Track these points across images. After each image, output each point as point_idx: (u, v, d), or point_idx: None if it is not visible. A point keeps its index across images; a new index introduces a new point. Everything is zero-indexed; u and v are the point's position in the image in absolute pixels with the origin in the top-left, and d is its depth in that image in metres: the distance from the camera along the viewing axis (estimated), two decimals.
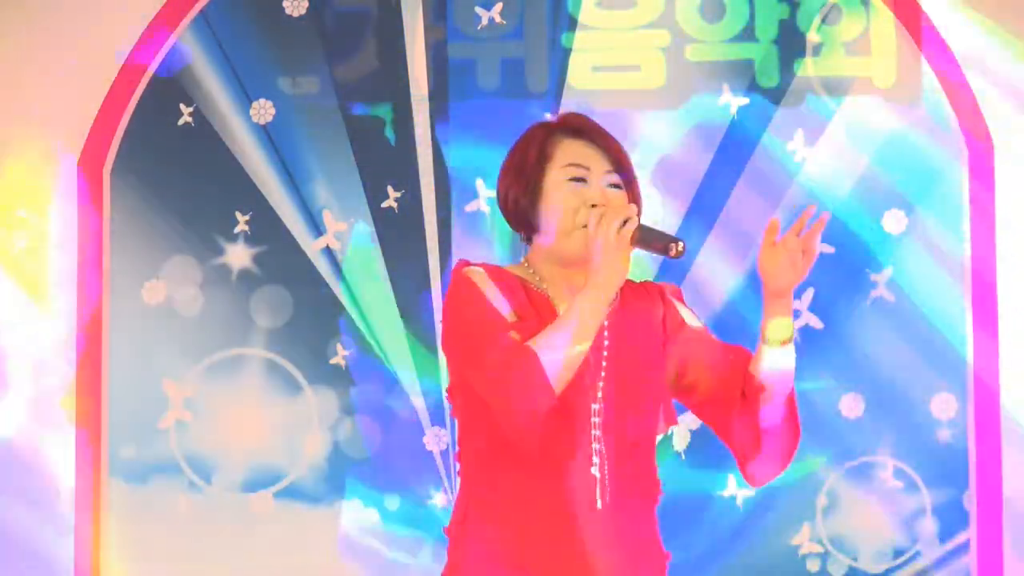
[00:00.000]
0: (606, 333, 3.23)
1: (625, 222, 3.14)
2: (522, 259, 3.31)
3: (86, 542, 5.53)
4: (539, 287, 3.25)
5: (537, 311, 3.19)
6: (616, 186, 3.24)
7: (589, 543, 3.17)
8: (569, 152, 3.25)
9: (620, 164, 3.26)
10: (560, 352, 3.09)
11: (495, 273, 3.24)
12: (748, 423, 3.26)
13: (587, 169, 3.24)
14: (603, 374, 3.21)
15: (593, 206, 3.18)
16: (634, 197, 3.25)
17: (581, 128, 3.27)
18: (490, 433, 3.17)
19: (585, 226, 3.18)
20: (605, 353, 3.22)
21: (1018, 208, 5.50)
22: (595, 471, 3.18)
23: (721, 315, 5.42)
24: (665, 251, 3.13)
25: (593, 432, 3.19)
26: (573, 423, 3.16)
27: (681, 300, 3.37)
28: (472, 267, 3.24)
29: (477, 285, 3.20)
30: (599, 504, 3.18)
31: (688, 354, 3.30)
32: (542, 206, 3.25)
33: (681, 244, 3.13)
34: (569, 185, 3.23)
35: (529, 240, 3.30)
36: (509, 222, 3.31)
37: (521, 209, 3.27)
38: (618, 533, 3.19)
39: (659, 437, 3.31)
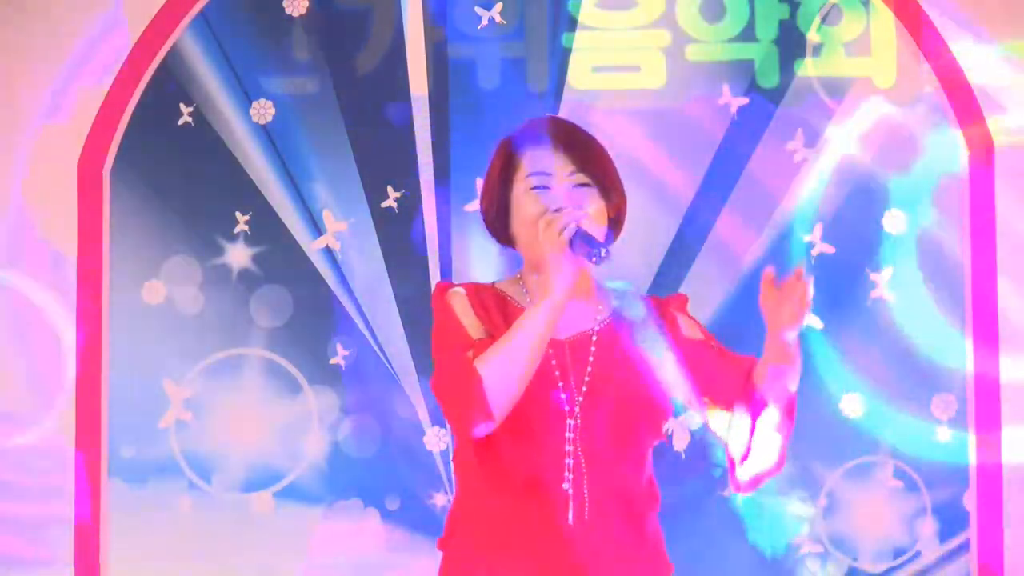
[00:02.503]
0: (592, 349, 3.22)
1: (565, 228, 3.10)
2: (517, 273, 3.32)
3: (86, 543, 5.53)
4: (521, 303, 3.24)
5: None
6: (586, 184, 3.22)
7: (564, 560, 3.15)
8: (531, 161, 3.23)
9: (586, 162, 3.21)
10: (503, 370, 3.07)
11: (474, 293, 3.25)
12: (743, 428, 3.19)
13: (548, 175, 3.20)
14: (584, 389, 3.19)
15: (557, 210, 3.14)
16: (607, 192, 3.22)
17: (544, 134, 3.24)
18: (475, 447, 3.18)
19: None
20: (589, 369, 3.21)
21: (1018, 208, 5.50)
22: (567, 487, 3.16)
23: (720, 316, 5.41)
24: (589, 258, 3.08)
25: (567, 447, 3.17)
26: (545, 439, 3.15)
27: (685, 311, 3.33)
28: (452, 289, 3.26)
29: (451, 306, 3.21)
30: (571, 519, 3.16)
31: (690, 367, 3.24)
32: (512, 220, 3.25)
33: (603, 251, 3.06)
34: (533, 194, 3.21)
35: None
36: (494, 238, 3.32)
37: (492, 224, 3.29)
38: (598, 549, 3.17)
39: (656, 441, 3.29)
